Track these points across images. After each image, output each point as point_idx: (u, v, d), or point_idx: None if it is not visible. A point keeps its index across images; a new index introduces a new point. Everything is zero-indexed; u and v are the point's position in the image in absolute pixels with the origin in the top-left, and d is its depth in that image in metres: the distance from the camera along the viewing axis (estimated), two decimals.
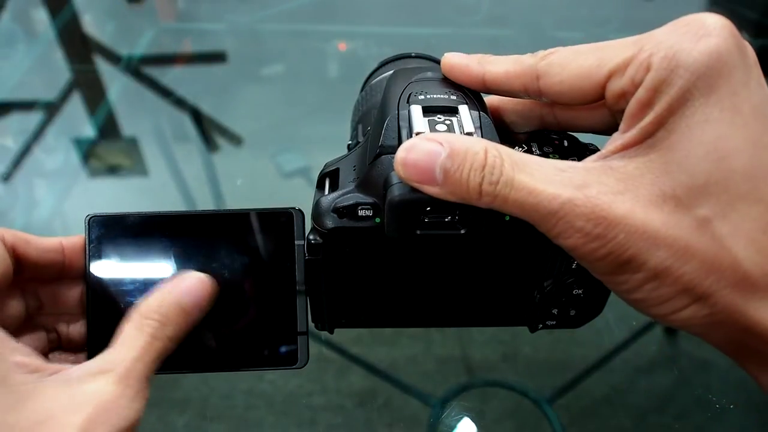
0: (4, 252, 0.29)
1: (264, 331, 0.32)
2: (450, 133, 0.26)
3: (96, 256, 0.32)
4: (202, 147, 0.90)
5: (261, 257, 0.32)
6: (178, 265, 0.32)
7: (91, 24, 1.11)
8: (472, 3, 1.16)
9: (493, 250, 0.31)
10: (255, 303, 0.32)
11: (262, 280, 0.32)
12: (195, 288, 0.30)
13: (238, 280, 0.32)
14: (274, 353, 0.33)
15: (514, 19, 1.15)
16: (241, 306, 0.32)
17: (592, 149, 0.30)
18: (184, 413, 0.59)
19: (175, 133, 0.93)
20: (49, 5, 1.12)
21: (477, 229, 0.26)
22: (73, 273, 0.33)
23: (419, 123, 0.27)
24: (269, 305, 0.32)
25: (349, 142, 0.38)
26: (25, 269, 0.31)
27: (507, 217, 0.25)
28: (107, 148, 0.90)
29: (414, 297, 0.33)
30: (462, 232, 0.26)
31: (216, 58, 1.07)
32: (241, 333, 0.32)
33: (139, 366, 0.27)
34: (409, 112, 0.27)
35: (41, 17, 1.12)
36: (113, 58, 1.03)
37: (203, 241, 0.32)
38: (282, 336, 0.32)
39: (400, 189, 0.25)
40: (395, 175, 0.26)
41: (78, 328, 0.33)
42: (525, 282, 0.32)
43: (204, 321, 0.32)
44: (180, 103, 0.95)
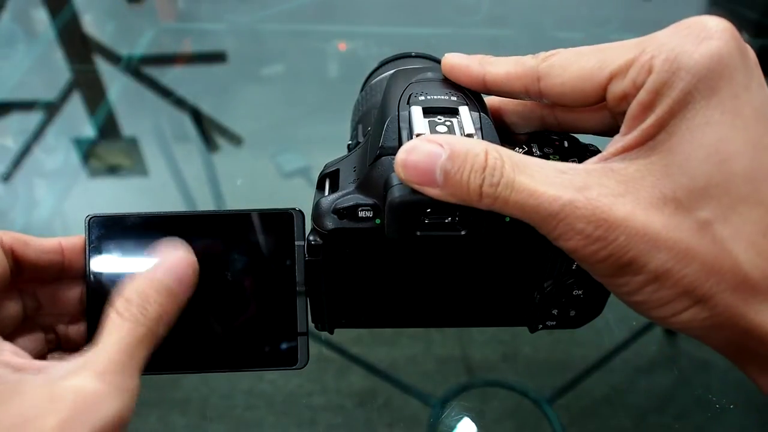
0: (1, 254, 0.29)
1: (264, 331, 0.32)
2: (450, 134, 0.26)
3: (96, 257, 0.32)
4: (202, 147, 0.90)
5: (261, 258, 0.32)
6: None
7: (91, 24, 1.11)
8: (472, 3, 1.16)
9: (493, 251, 0.31)
10: (255, 303, 0.32)
11: (262, 281, 0.32)
12: (178, 265, 0.28)
13: (238, 280, 0.32)
14: (274, 353, 0.33)
15: (514, 19, 1.15)
16: (241, 306, 0.32)
17: (592, 150, 0.30)
18: (184, 413, 0.59)
19: (175, 133, 0.93)
20: (49, 5, 1.12)
21: (477, 230, 0.26)
22: (72, 273, 0.33)
23: (419, 124, 0.27)
24: (269, 305, 0.32)
25: (349, 142, 0.38)
26: (24, 270, 0.31)
27: (507, 219, 0.25)
28: (107, 148, 0.90)
29: (414, 297, 0.33)
30: (462, 233, 0.26)
31: (216, 58, 1.07)
32: (241, 333, 0.32)
33: (122, 358, 0.25)
34: (409, 113, 0.27)
35: (41, 17, 1.12)
36: (113, 58, 1.03)
37: (203, 242, 0.32)
38: (282, 336, 0.32)
39: (401, 190, 0.25)
40: (395, 177, 0.25)
41: (77, 329, 0.33)
42: (525, 283, 0.32)
43: (204, 321, 0.32)
44: (180, 103, 0.95)
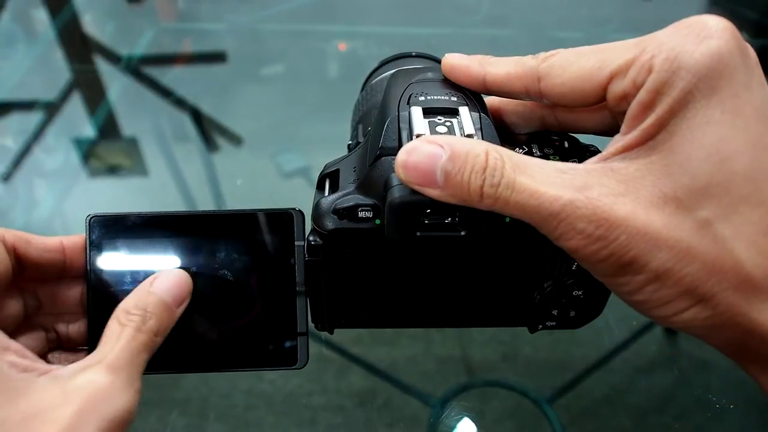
0: (3, 252, 0.29)
1: (264, 331, 0.32)
2: (451, 135, 0.26)
3: (97, 256, 0.32)
4: (202, 147, 0.90)
5: (261, 258, 0.32)
6: (178, 265, 0.32)
7: (91, 24, 1.11)
8: (472, 3, 1.16)
9: (493, 252, 0.31)
10: (255, 303, 0.32)
11: (262, 281, 0.32)
12: (173, 283, 0.31)
13: (238, 280, 0.32)
14: (274, 353, 0.33)
15: (514, 19, 1.15)
16: (241, 306, 0.32)
17: (592, 150, 0.30)
18: (184, 413, 0.59)
19: (175, 133, 0.93)
20: (49, 5, 1.12)
21: (477, 230, 0.26)
22: (73, 272, 0.33)
23: (419, 125, 0.27)
24: (269, 306, 0.32)
25: (349, 142, 0.38)
26: (26, 269, 0.31)
27: (507, 219, 0.25)
28: (107, 148, 0.90)
29: (414, 298, 0.33)
30: (462, 233, 0.26)
31: (216, 58, 1.07)
32: (241, 333, 0.32)
33: (127, 356, 0.27)
34: (409, 113, 0.27)
35: (41, 17, 1.12)
36: (113, 58, 1.03)
37: (203, 242, 0.32)
38: (282, 336, 0.32)
39: (401, 191, 0.25)
40: (395, 177, 0.25)
41: (77, 328, 0.33)
42: (525, 283, 0.32)
43: (204, 321, 0.32)
44: (180, 103, 0.95)
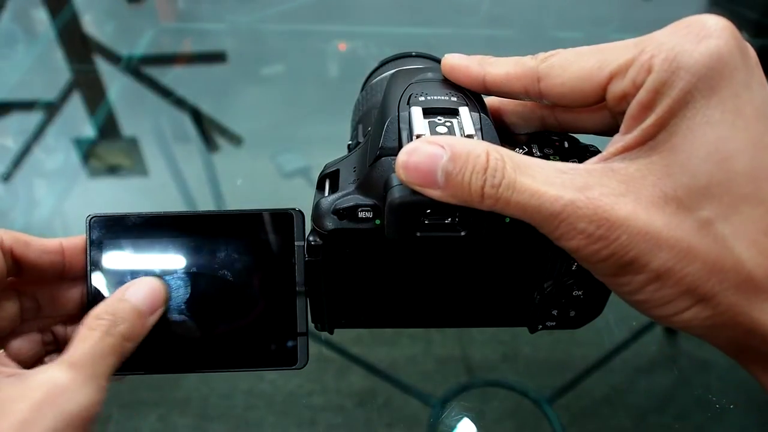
0: None
1: (264, 331, 0.32)
2: (451, 135, 0.26)
3: (97, 257, 0.32)
4: (202, 147, 0.90)
5: (261, 258, 0.32)
6: (178, 265, 0.32)
7: (91, 24, 1.11)
8: (472, 3, 1.16)
9: (493, 252, 0.31)
10: (255, 303, 0.32)
11: (262, 281, 0.32)
12: (147, 291, 0.31)
13: (238, 280, 0.32)
14: (274, 353, 0.33)
15: (514, 19, 1.15)
16: (241, 306, 0.32)
17: (592, 150, 0.30)
18: (184, 413, 0.59)
19: (175, 133, 0.93)
20: (49, 5, 1.12)
21: (477, 231, 0.26)
22: (73, 274, 0.33)
23: (419, 125, 0.27)
24: (269, 306, 0.32)
25: (349, 143, 0.38)
26: (25, 271, 0.31)
27: (507, 219, 0.25)
28: (107, 148, 0.90)
29: (414, 298, 0.33)
30: (462, 234, 0.26)
31: (216, 58, 1.07)
32: (241, 333, 0.32)
33: (90, 356, 0.27)
34: (409, 113, 0.27)
35: (41, 17, 1.12)
36: (113, 58, 1.03)
37: (203, 242, 0.32)
38: (282, 336, 0.32)
39: (401, 191, 0.25)
40: (395, 177, 0.25)
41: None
42: (525, 283, 0.32)
43: (204, 321, 0.32)
44: (180, 103, 0.95)
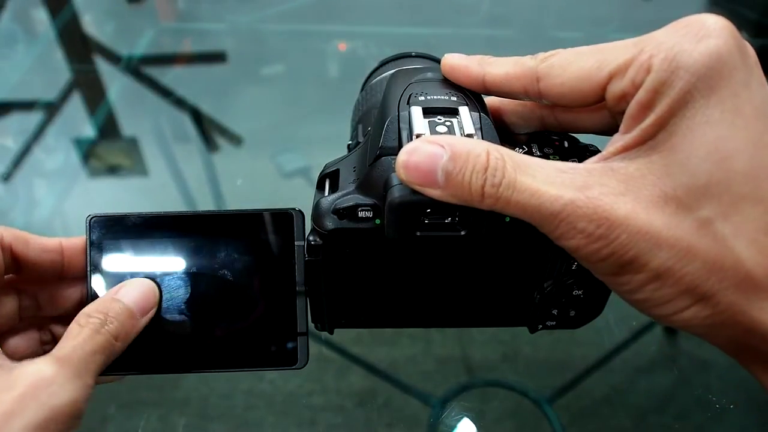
0: None
1: (264, 331, 0.32)
2: (451, 135, 0.26)
3: (97, 257, 0.32)
4: (202, 147, 0.90)
5: (261, 258, 0.32)
6: (178, 265, 0.32)
7: (91, 24, 1.11)
8: (472, 3, 1.16)
9: (493, 252, 0.31)
10: (255, 303, 0.32)
11: (262, 281, 0.32)
12: (139, 292, 0.31)
13: (238, 280, 0.32)
14: (274, 353, 0.33)
15: (514, 19, 1.15)
16: (241, 306, 0.32)
17: (592, 150, 0.30)
18: (184, 413, 0.59)
19: (175, 133, 0.93)
20: (49, 5, 1.12)
21: (477, 230, 0.26)
22: (72, 274, 0.33)
23: (419, 124, 0.27)
24: (269, 306, 0.32)
25: (349, 142, 0.38)
26: (24, 269, 0.31)
27: (507, 219, 0.25)
28: (107, 148, 0.90)
29: (414, 298, 0.33)
30: (462, 233, 0.26)
31: (216, 58, 1.07)
32: (241, 333, 0.32)
33: (78, 352, 0.27)
34: (409, 113, 0.27)
35: (41, 17, 1.12)
36: (113, 58, 1.03)
37: (203, 242, 0.32)
38: (282, 336, 0.32)
39: (401, 190, 0.25)
40: (395, 177, 0.25)
41: None
42: (525, 283, 0.32)
43: (204, 321, 0.32)
44: (180, 103, 0.95)
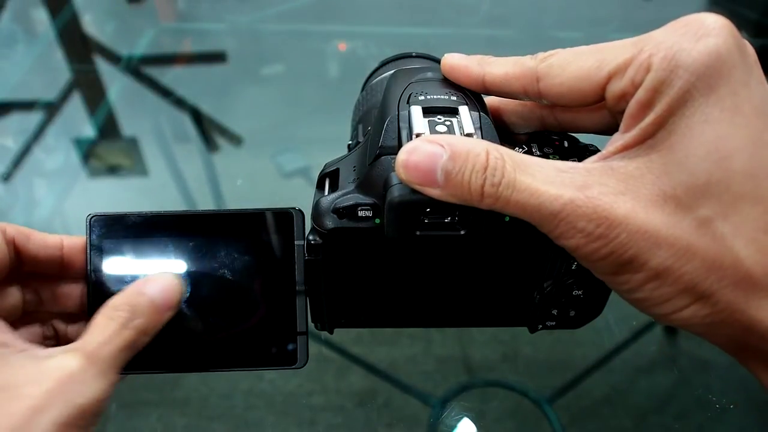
0: (2, 243, 0.30)
1: (264, 331, 0.32)
2: (451, 134, 0.26)
3: (97, 256, 0.32)
4: (202, 147, 0.90)
5: (261, 257, 0.32)
6: (178, 264, 0.32)
7: (91, 24, 1.11)
8: (472, 3, 1.16)
9: (493, 251, 0.31)
10: (255, 303, 0.32)
11: (262, 280, 0.32)
12: (165, 286, 0.30)
13: (238, 280, 0.32)
14: (274, 353, 0.33)
15: (514, 19, 1.15)
16: (240, 306, 0.32)
17: (592, 150, 0.30)
18: (184, 413, 0.59)
19: (175, 133, 0.93)
20: (49, 5, 1.12)
21: (477, 230, 0.26)
22: (72, 272, 0.33)
23: (419, 124, 0.27)
24: (269, 305, 0.32)
25: (350, 142, 0.38)
26: (24, 263, 0.31)
27: (507, 218, 0.25)
28: (107, 148, 0.90)
29: (414, 297, 0.33)
30: (462, 233, 0.26)
31: (216, 58, 1.07)
32: (240, 333, 0.32)
33: (106, 349, 0.27)
34: (409, 112, 0.27)
35: (41, 17, 1.12)
36: (113, 58, 1.03)
37: (203, 241, 0.32)
38: (282, 336, 0.32)
39: (400, 190, 0.25)
40: (395, 176, 0.25)
41: (76, 328, 0.33)
42: (525, 283, 0.32)
43: (204, 320, 0.32)
44: (180, 103, 0.95)
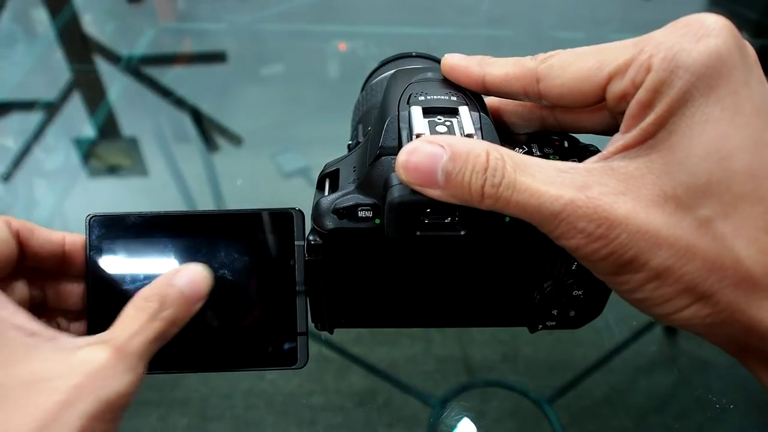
0: (9, 236, 0.30)
1: (264, 331, 0.32)
2: (451, 135, 0.26)
3: (96, 256, 0.32)
4: (202, 147, 0.90)
5: (261, 257, 0.32)
6: (178, 265, 0.32)
7: (91, 24, 1.11)
8: (472, 3, 1.16)
9: (493, 252, 0.31)
10: (255, 303, 0.32)
11: (262, 281, 0.32)
12: (194, 278, 0.30)
13: (238, 280, 0.32)
14: (274, 353, 0.33)
15: (514, 19, 1.15)
16: (241, 306, 0.32)
17: (592, 150, 0.30)
18: (184, 413, 0.59)
19: (175, 133, 0.93)
20: (49, 5, 1.12)
21: (477, 230, 0.26)
22: (73, 269, 0.33)
23: (419, 124, 0.27)
24: (269, 305, 0.32)
25: (350, 142, 0.38)
26: (27, 257, 0.31)
27: (507, 219, 0.25)
28: (107, 148, 0.90)
29: (414, 297, 0.33)
30: (462, 233, 0.26)
31: (216, 58, 1.07)
32: (241, 333, 0.32)
33: (136, 341, 0.27)
34: (409, 113, 0.27)
35: (41, 17, 1.12)
36: (113, 58, 1.03)
37: (203, 242, 0.32)
38: (282, 336, 0.32)
39: (400, 190, 0.25)
40: (395, 177, 0.25)
41: (78, 327, 0.33)
42: (525, 283, 0.32)
43: (204, 321, 0.32)
44: (180, 103, 0.95)
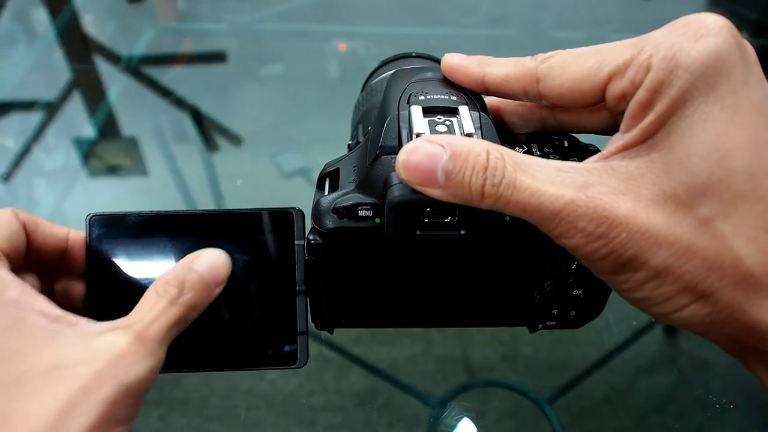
0: (18, 227, 0.30)
1: (264, 330, 0.32)
2: (451, 134, 0.26)
3: (96, 255, 0.32)
4: (202, 147, 0.90)
5: (261, 257, 0.32)
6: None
7: (91, 24, 1.11)
8: (472, 3, 1.16)
9: (493, 251, 0.31)
10: (255, 303, 0.32)
11: (262, 280, 0.32)
12: (214, 262, 0.30)
13: (238, 279, 0.32)
14: (274, 353, 0.33)
15: (514, 20, 1.15)
16: (241, 306, 0.32)
17: (592, 150, 0.30)
18: (184, 413, 0.59)
19: (175, 133, 0.93)
20: (49, 5, 1.12)
21: (477, 229, 0.26)
22: (74, 267, 0.33)
23: (419, 124, 0.27)
24: (269, 305, 0.32)
25: (350, 142, 0.38)
26: (31, 251, 0.31)
27: (507, 218, 0.25)
28: (107, 148, 0.90)
29: (414, 297, 0.33)
30: (462, 232, 0.26)
31: (216, 58, 1.07)
32: (241, 333, 0.32)
33: (156, 326, 0.27)
34: (409, 112, 0.27)
35: (41, 17, 1.12)
36: (113, 58, 1.03)
37: (203, 241, 0.32)
38: (282, 336, 0.32)
39: (400, 190, 0.25)
40: (395, 176, 0.25)
41: None
42: (525, 282, 0.32)
43: (204, 321, 0.32)
44: (180, 103, 0.95)
